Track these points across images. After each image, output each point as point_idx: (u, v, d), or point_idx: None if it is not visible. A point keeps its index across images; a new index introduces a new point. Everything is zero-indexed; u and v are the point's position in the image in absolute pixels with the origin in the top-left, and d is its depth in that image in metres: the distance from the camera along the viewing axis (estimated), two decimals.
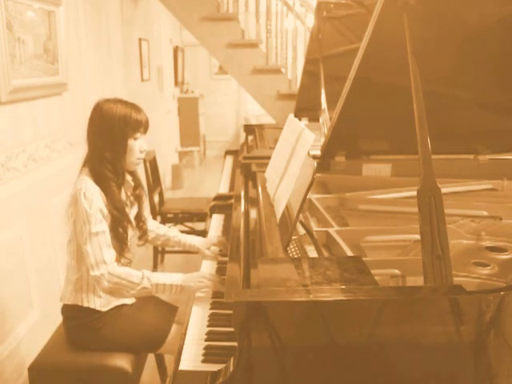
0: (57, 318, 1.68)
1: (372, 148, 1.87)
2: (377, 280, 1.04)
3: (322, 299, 0.93)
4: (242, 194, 1.86)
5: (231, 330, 0.95)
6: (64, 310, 1.67)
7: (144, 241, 1.81)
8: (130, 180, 1.71)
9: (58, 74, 2.52)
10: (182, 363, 1.16)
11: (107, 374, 1.57)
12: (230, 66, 4.29)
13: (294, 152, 1.50)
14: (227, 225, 2.07)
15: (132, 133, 1.58)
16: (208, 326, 1.33)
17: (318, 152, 1.82)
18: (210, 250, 1.83)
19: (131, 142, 1.58)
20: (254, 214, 1.64)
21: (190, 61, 7.69)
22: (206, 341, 1.26)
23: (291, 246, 1.36)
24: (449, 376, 0.96)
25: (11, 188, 2.14)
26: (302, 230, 1.47)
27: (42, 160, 2.41)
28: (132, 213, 1.71)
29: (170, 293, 1.53)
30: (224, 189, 2.65)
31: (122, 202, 1.61)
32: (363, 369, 0.95)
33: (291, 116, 1.79)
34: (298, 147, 1.49)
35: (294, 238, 1.39)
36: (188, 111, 7.00)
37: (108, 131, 1.56)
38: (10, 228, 2.12)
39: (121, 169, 1.61)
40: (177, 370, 1.13)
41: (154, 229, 1.88)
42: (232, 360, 0.97)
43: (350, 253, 1.27)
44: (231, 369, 0.95)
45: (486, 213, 1.67)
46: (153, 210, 3.40)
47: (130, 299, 1.70)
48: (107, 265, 1.49)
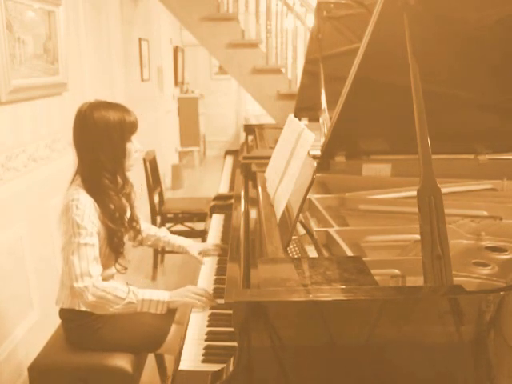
0: (57, 318, 1.68)
1: (372, 148, 1.87)
2: (377, 280, 1.04)
3: (321, 299, 0.93)
4: (242, 194, 1.86)
5: (231, 330, 0.95)
6: (61, 313, 1.66)
7: (139, 242, 1.80)
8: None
9: (58, 73, 2.52)
10: (182, 363, 1.16)
11: (107, 374, 1.56)
12: (230, 66, 4.29)
13: (294, 152, 1.50)
14: (227, 225, 2.07)
15: (129, 136, 1.57)
16: (208, 326, 1.33)
17: (318, 152, 1.81)
18: (199, 255, 1.81)
19: (129, 146, 1.58)
20: (254, 214, 1.64)
21: (190, 61, 7.69)
22: (206, 341, 1.26)
23: (291, 246, 1.36)
24: (449, 376, 0.96)
25: (11, 188, 2.14)
26: (302, 230, 1.47)
27: (41, 160, 2.41)
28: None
29: (155, 310, 1.48)
30: (224, 189, 2.65)
31: (122, 208, 1.59)
32: (363, 369, 0.95)
33: (291, 116, 1.79)
34: (297, 147, 1.49)
35: (294, 238, 1.39)
36: (188, 111, 7.00)
37: (106, 140, 1.52)
38: (10, 228, 2.12)
39: (122, 174, 1.61)
40: (177, 370, 1.13)
41: (145, 229, 1.87)
42: (232, 360, 0.98)
43: (349, 253, 1.27)
44: (231, 369, 0.95)
45: (485, 213, 1.67)
46: (153, 210, 3.40)
47: None
48: (92, 277, 1.45)
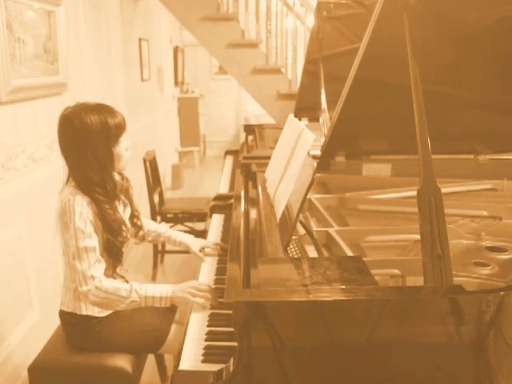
0: (57, 318, 1.68)
1: (372, 148, 1.87)
2: (377, 280, 1.04)
3: (321, 299, 0.93)
4: (242, 194, 1.86)
5: (231, 329, 0.95)
6: (62, 316, 1.64)
7: (141, 238, 1.79)
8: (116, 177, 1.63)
9: (58, 73, 2.52)
10: (181, 363, 1.16)
11: (107, 374, 1.56)
12: (229, 66, 4.29)
13: (294, 152, 1.50)
14: (227, 225, 2.07)
15: (115, 141, 1.48)
16: (208, 326, 1.33)
17: (318, 152, 1.82)
18: (201, 252, 1.80)
19: (117, 150, 1.49)
20: (254, 214, 1.64)
21: (190, 61, 7.68)
22: (205, 341, 1.26)
23: (291, 246, 1.36)
24: (449, 376, 0.96)
25: (11, 188, 2.14)
26: (302, 230, 1.47)
27: (41, 160, 2.41)
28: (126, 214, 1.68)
29: (159, 304, 1.50)
30: (224, 189, 2.65)
31: (118, 221, 1.53)
32: (363, 369, 0.95)
33: (291, 116, 1.79)
34: (297, 147, 1.49)
35: (294, 238, 1.39)
36: (188, 111, 7.00)
37: (89, 151, 1.43)
38: (10, 228, 2.12)
39: (112, 184, 1.52)
40: (177, 370, 1.13)
41: (145, 224, 1.86)
42: (232, 360, 0.98)
43: (349, 253, 1.27)
44: (231, 369, 0.95)
45: (485, 213, 1.67)
46: (153, 209, 3.41)
47: None
48: (95, 279, 1.45)
